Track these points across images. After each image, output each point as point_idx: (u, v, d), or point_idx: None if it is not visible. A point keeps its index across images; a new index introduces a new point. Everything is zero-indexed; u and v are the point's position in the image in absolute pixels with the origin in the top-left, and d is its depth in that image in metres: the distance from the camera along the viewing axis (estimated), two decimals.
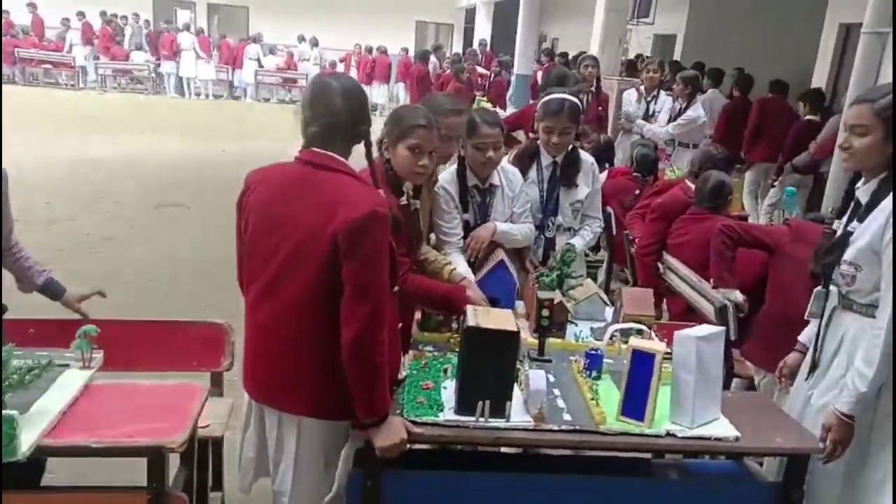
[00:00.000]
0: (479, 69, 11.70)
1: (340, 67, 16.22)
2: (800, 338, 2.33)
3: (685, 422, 1.93)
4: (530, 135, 4.49)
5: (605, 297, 2.67)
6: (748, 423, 2.01)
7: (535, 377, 1.91)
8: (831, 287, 2.10)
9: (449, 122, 2.43)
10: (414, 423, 1.84)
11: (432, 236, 2.68)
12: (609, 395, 2.03)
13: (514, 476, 2.00)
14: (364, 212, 1.69)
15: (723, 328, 2.00)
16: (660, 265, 3.64)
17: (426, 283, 2.29)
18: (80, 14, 16.75)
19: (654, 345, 1.93)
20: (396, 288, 2.01)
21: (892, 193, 1.92)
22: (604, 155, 5.12)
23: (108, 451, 1.55)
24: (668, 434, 1.90)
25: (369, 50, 16.42)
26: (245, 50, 16.94)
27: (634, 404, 1.92)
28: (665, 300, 3.67)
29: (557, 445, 1.89)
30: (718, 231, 3.00)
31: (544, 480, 1.97)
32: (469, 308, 1.99)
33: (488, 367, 1.87)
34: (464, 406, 1.88)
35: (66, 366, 1.89)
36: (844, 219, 2.10)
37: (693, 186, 3.71)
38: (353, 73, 15.60)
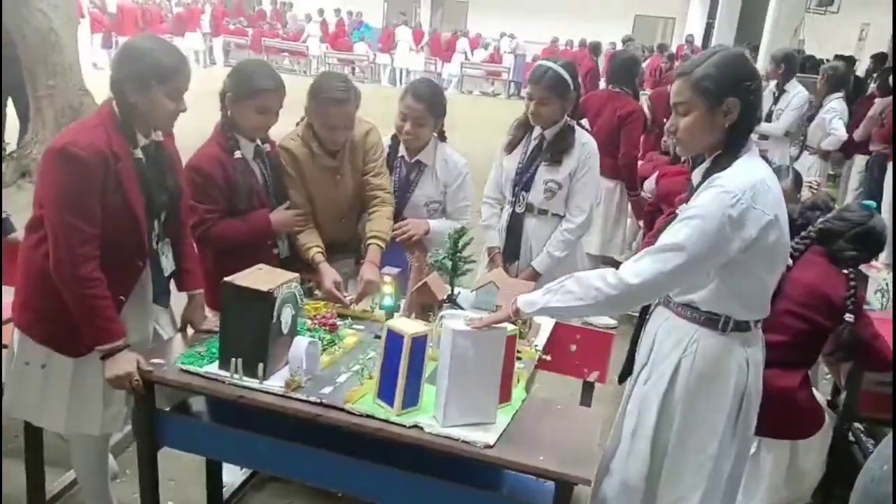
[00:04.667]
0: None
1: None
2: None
3: (438, 417, 1.76)
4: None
5: None
6: (543, 439, 1.77)
7: (296, 344, 1.88)
8: None
9: (335, 112, 2.39)
10: (182, 370, 1.92)
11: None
12: None
13: (286, 444, 1.94)
14: (57, 144, 1.82)
15: (505, 327, 1.77)
16: None
17: (231, 225, 2.33)
18: (336, 10, 18.79)
19: (410, 325, 1.78)
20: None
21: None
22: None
23: None
24: (415, 426, 1.75)
25: (570, 44, 16.18)
26: (455, 43, 17.71)
27: (389, 388, 1.80)
28: None
29: (299, 415, 1.83)
30: None
31: (310, 452, 1.89)
32: (258, 266, 2.00)
33: (243, 326, 1.88)
34: (224, 361, 1.91)
35: None
36: None
37: None
38: None
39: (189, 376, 1.91)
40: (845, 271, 2.26)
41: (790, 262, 2.23)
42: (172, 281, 2.20)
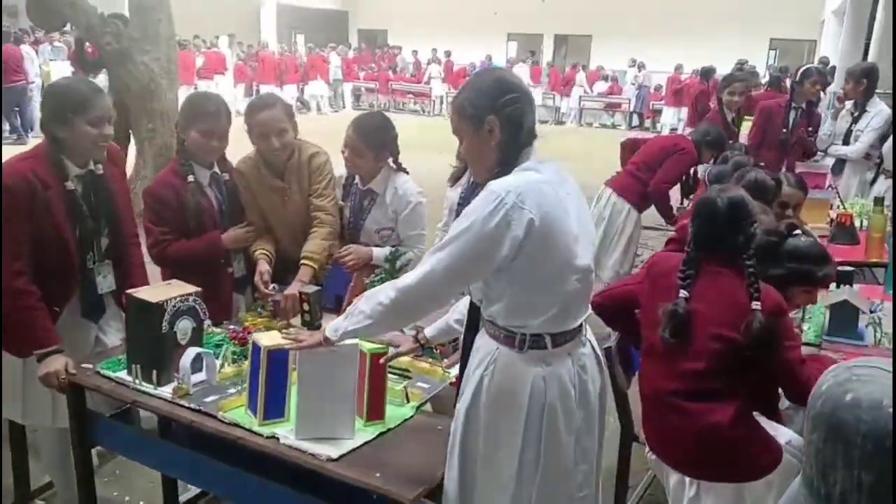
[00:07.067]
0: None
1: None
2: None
3: (295, 430, 1.80)
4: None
5: None
6: (395, 457, 1.76)
7: (186, 355, 2.00)
8: None
9: (260, 118, 2.54)
10: (98, 373, 2.11)
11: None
12: None
13: (198, 456, 2.06)
14: None
15: (356, 344, 1.79)
16: None
17: (185, 245, 2.49)
18: (447, 52, 19.51)
19: (271, 339, 1.84)
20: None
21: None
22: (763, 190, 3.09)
23: None
24: (273, 437, 1.81)
25: (696, 72, 15.53)
26: (575, 77, 17.65)
27: (255, 399, 1.87)
28: None
29: (175, 418, 1.94)
30: None
31: (216, 465, 1.99)
32: (168, 282, 2.16)
33: (141, 334, 2.03)
34: (128, 367, 2.08)
35: None
36: None
37: None
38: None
39: (101, 379, 2.09)
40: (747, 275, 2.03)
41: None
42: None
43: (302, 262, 2.55)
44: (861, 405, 0.86)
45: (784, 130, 4.82)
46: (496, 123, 1.61)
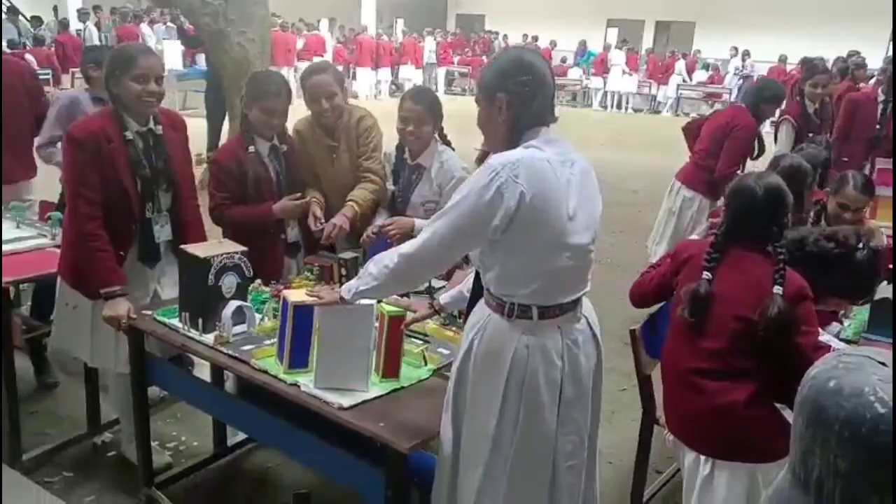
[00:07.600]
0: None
1: None
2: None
3: (314, 379, 1.96)
4: None
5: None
6: (402, 412, 1.89)
7: (228, 307, 2.19)
8: None
9: (312, 81, 2.76)
10: (155, 319, 2.35)
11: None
12: None
13: (234, 399, 2.29)
14: (66, 131, 2.36)
15: (372, 304, 1.92)
16: None
17: (240, 210, 2.69)
18: (534, 38, 19.33)
19: (298, 295, 2.00)
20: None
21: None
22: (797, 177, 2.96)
23: None
24: (294, 385, 1.97)
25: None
26: (674, 65, 17.10)
27: (283, 349, 2.04)
28: None
29: (214, 362, 2.15)
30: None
31: (253, 411, 2.20)
32: (219, 240, 2.36)
33: (190, 286, 2.24)
34: (179, 315, 2.30)
35: (44, 235, 2.98)
36: None
37: None
38: None
39: (156, 325, 2.33)
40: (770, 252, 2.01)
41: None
42: None
43: (347, 201, 2.77)
44: (842, 392, 0.87)
45: (878, 126, 4.57)
46: (503, 101, 1.69)
